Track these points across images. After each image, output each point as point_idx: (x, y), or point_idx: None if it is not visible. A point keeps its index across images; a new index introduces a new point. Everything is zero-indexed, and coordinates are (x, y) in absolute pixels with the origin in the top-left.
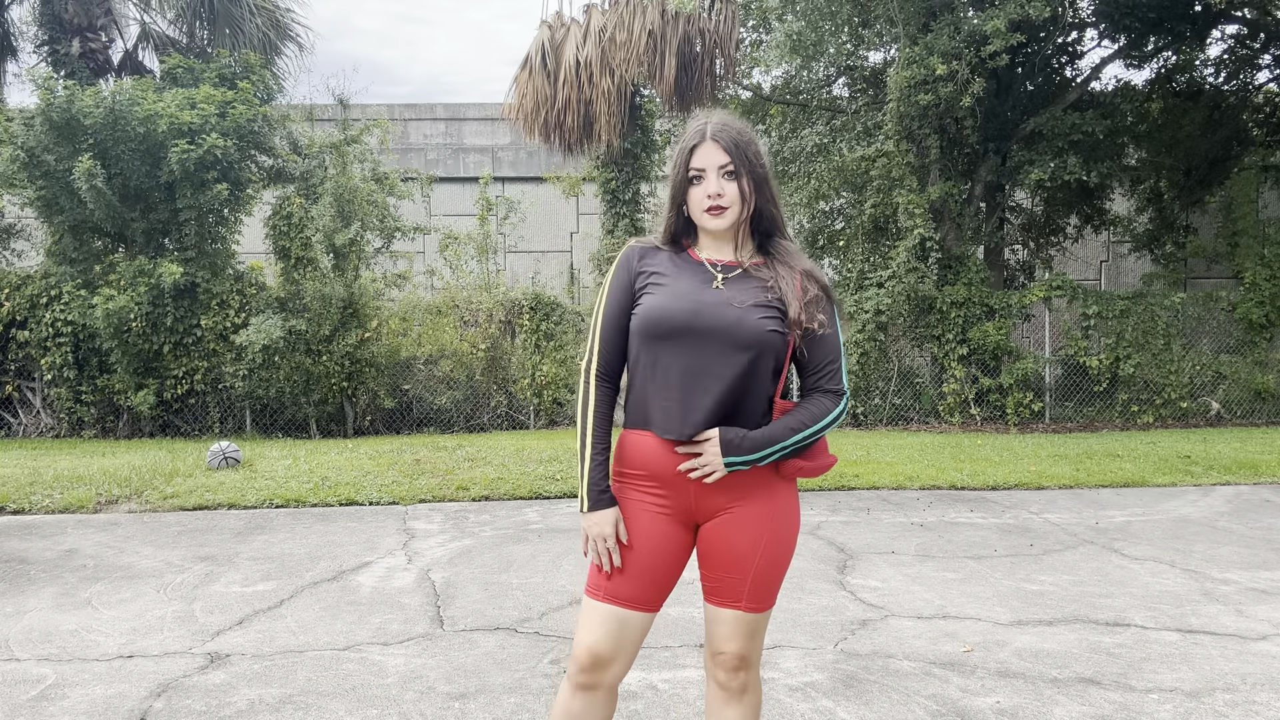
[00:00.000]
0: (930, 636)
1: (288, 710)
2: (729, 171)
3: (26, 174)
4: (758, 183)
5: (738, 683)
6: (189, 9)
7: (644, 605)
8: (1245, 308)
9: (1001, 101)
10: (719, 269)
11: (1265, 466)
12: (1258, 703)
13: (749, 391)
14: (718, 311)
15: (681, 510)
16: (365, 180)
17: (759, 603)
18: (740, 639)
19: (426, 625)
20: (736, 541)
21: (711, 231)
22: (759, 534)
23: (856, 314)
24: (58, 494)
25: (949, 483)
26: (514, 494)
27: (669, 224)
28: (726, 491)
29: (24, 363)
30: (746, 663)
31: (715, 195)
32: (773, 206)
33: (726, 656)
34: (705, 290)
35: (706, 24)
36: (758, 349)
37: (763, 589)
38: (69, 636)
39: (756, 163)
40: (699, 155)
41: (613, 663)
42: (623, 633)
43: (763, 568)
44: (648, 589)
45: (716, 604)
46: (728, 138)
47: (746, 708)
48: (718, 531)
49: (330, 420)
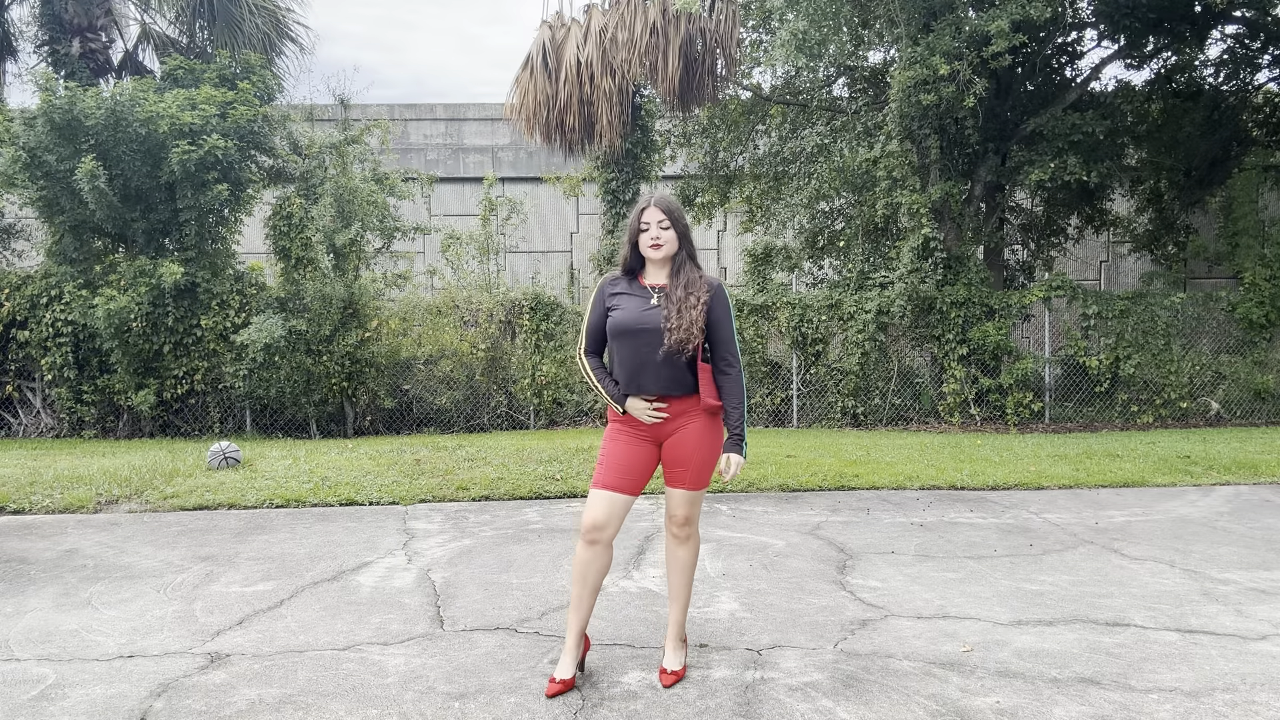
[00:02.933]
0: (930, 636)
1: (288, 710)
2: (664, 225)
3: (27, 174)
4: (681, 233)
5: (684, 533)
6: (189, 9)
7: (626, 490)
8: (1245, 308)
9: (1001, 102)
10: (655, 291)
11: (1265, 466)
12: (1258, 703)
13: (673, 363)
14: (653, 319)
15: (649, 435)
16: (365, 180)
17: (698, 485)
18: (686, 506)
19: (426, 625)
20: (684, 449)
21: (654, 261)
22: (698, 444)
23: (857, 314)
24: (58, 494)
25: (949, 483)
26: (514, 494)
27: (625, 258)
28: (675, 421)
29: (24, 363)
30: (690, 521)
31: (655, 237)
32: (690, 248)
33: (678, 517)
34: (646, 306)
35: (707, 24)
36: (663, 336)
37: (700, 476)
38: (69, 636)
39: (681, 220)
40: (646, 215)
41: (607, 526)
42: (611, 508)
43: (698, 463)
44: (628, 481)
45: (673, 486)
46: (664, 205)
47: (690, 549)
48: (672, 445)
49: (330, 420)
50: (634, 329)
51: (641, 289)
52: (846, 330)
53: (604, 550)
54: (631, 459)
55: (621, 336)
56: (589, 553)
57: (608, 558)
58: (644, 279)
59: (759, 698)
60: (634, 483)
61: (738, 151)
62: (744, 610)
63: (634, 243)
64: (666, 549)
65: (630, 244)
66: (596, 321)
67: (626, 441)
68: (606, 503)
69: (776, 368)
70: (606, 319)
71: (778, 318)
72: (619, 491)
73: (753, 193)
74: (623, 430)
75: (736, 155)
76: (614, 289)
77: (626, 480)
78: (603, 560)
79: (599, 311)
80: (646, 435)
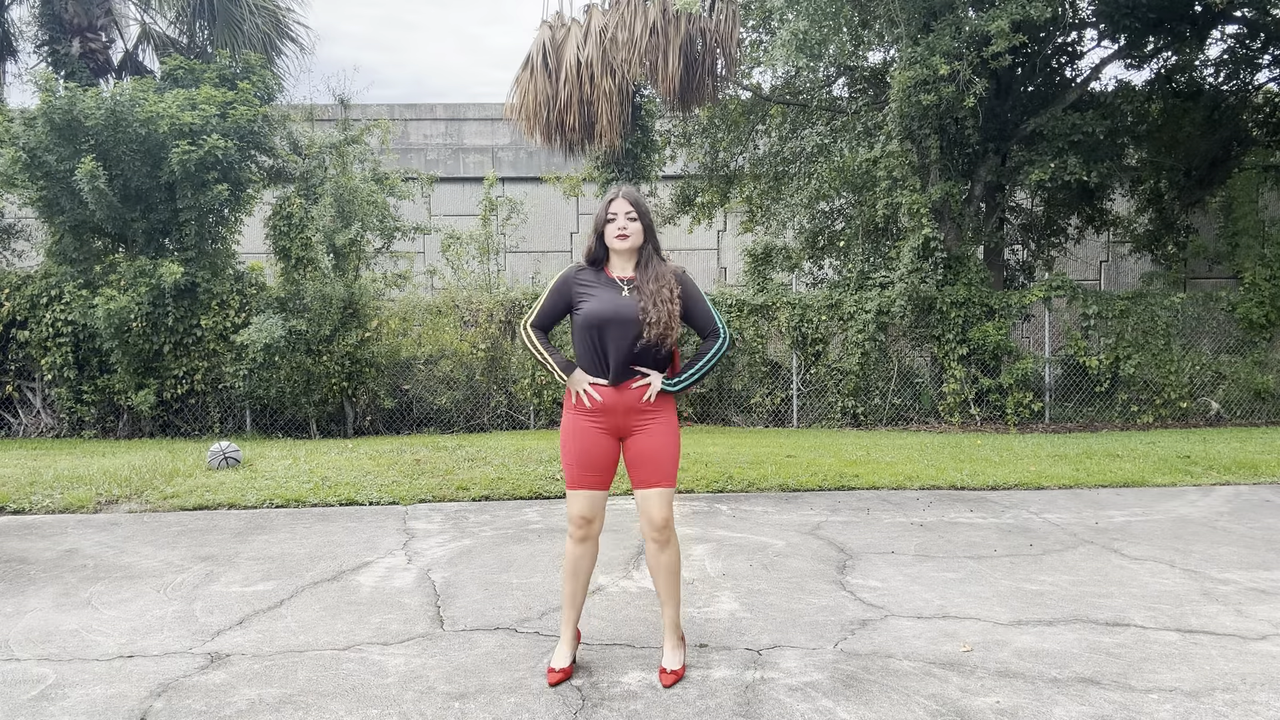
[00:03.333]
0: (930, 636)
1: (288, 710)
2: (631, 216)
3: (27, 174)
4: (647, 226)
5: (664, 537)
6: (189, 9)
7: (599, 485)
8: (1245, 308)
9: (1002, 102)
10: (624, 283)
11: (1265, 466)
12: (1258, 703)
13: (647, 353)
14: (629, 310)
15: (612, 428)
16: (365, 180)
17: (672, 482)
18: (664, 507)
19: (426, 625)
20: (651, 446)
21: (619, 252)
22: (664, 440)
23: (857, 314)
24: (58, 494)
25: (949, 483)
26: (514, 494)
27: (590, 248)
28: (638, 415)
29: (24, 363)
30: (668, 522)
31: (622, 228)
32: (655, 241)
33: (658, 520)
34: (618, 297)
35: (707, 24)
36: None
37: (672, 473)
38: (69, 636)
39: (647, 214)
40: (614, 205)
41: (595, 521)
42: (594, 504)
43: (669, 460)
44: (598, 476)
45: (646, 487)
46: (631, 197)
47: (671, 553)
48: (638, 443)
49: (330, 420)
50: (609, 319)
51: (610, 280)
52: (846, 330)
53: (594, 545)
54: (599, 455)
55: (596, 326)
56: (580, 549)
57: (596, 550)
58: (610, 271)
59: (759, 698)
60: (606, 478)
61: (738, 151)
62: (744, 610)
63: (600, 233)
64: (648, 557)
65: (596, 234)
66: (554, 306)
67: (590, 437)
68: (589, 500)
69: (776, 368)
70: (573, 309)
71: (778, 318)
72: (597, 488)
73: (753, 193)
74: (582, 425)
75: (736, 155)
76: (580, 280)
77: (599, 476)
78: (593, 554)
79: (561, 297)
80: (606, 428)
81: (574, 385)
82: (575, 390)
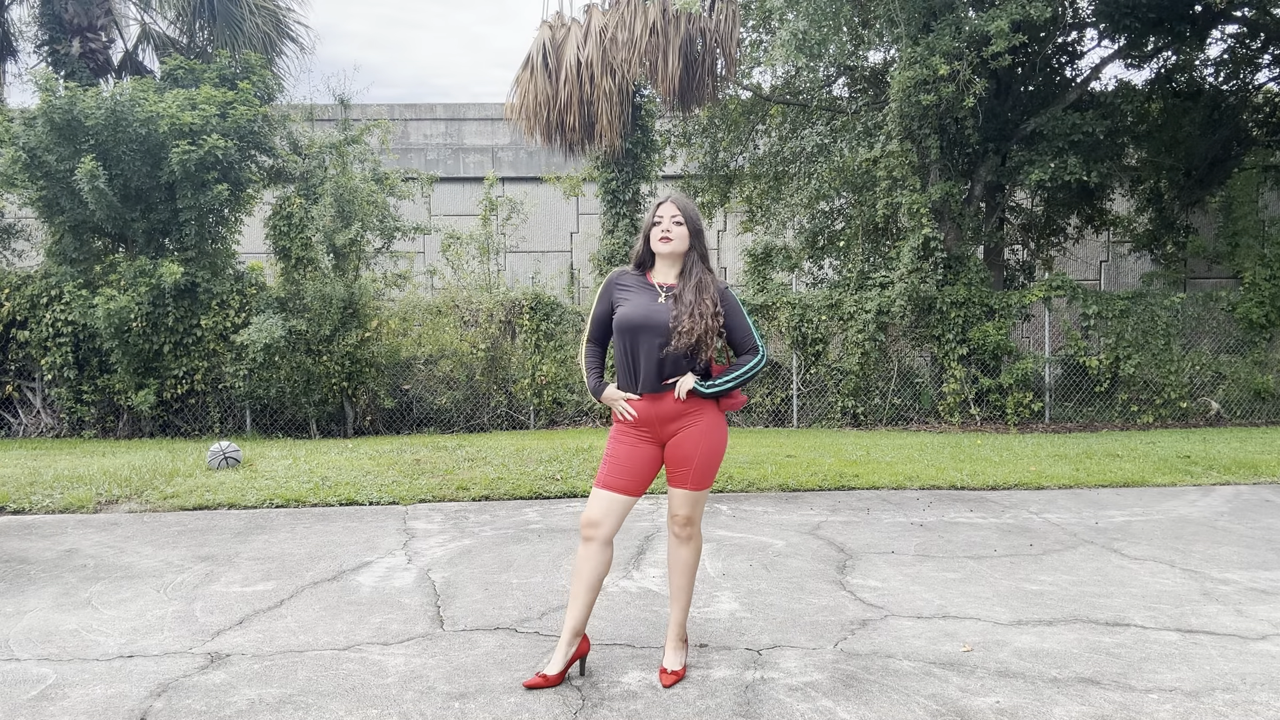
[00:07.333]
0: (930, 636)
1: (288, 710)
2: (678, 221)
3: (27, 174)
4: (694, 232)
5: (686, 533)
6: (189, 9)
7: (626, 490)
8: (1245, 308)
9: (1001, 101)
10: (664, 289)
11: (1265, 466)
12: (1258, 703)
13: (676, 362)
14: (660, 316)
15: (652, 436)
16: (365, 180)
17: (700, 485)
18: (688, 507)
19: (426, 625)
20: (684, 449)
21: (663, 256)
22: (697, 443)
23: (857, 314)
24: (58, 494)
25: (949, 483)
26: (514, 494)
27: (638, 251)
28: (676, 421)
29: (24, 363)
30: (691, 521)
31: (666, 230)
32: (703, 249)
33: (680, 517)
34: (653, 303)
35: (707, 24)
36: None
37: (703, 476)
38: (69, 636)
39: (695, 221)
40: (661, 209)
41: (602, 524)
42: (609, 506)
43: (700, 463)
44: (624, 480)
45: (675, 486)
46: (680, 203)
47: (691, 549)
48: (674, 445)
49: (330, 420)
50: (639, 325)
51: (649, 286)
52: (846, 330)
53: (600, 548)
54: (633, 460)
55: (626, 331)
56: (585, 549)
57: (606, 556)
58: (652, 276)
59: (759, 698)
60: (635, 484)
61: (738, 151)
62: (744, 610)
63: (646, 236)
64: (669, 549)
65: (643, 238)
66: (602, 313)
67: (629, 443)
68: (604, 501)
69: (776, 368)
70: (612, 312)
71: (778, 318)
72: (618, 491)
73: (753, 193)
74: (626, 432)
75: (736, 155)
76: (622, 283)
77: (627, 481)
78: (599, 558)
79: (605, 304)
80: (649, 437)
81: (607, 402)
82: (613, 407)
